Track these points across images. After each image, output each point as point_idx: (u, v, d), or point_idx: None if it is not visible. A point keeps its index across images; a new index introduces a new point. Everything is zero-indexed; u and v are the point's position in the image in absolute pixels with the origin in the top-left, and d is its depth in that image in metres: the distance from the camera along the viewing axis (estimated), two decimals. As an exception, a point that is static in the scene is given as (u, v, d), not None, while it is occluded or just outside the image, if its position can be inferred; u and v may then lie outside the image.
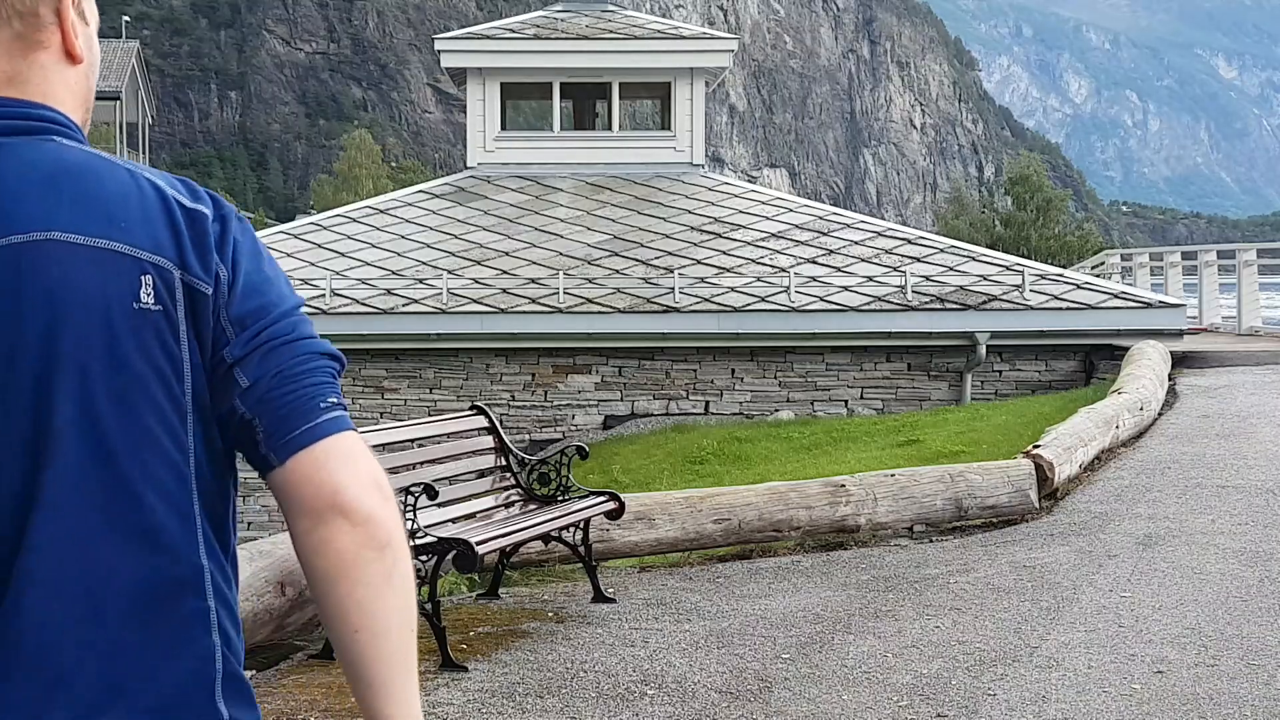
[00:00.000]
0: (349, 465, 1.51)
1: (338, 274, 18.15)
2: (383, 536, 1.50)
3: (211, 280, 1.52)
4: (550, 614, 7.18)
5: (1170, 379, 14.87)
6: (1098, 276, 24.22)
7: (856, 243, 19.36)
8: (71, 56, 1.59)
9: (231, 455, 1.56)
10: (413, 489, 6.35)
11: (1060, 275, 19.11)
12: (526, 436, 17.27)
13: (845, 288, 17.92)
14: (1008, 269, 18.70)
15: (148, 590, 1.48)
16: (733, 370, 17.76)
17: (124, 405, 1.48)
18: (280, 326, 1.54)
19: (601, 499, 7.74)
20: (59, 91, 1.58)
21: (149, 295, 1.49)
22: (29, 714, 1.44)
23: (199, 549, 1.51)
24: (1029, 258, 35.43)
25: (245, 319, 1.53)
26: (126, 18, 73.27)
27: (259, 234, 1.92)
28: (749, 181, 49.36)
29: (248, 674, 1.75)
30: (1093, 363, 17.59)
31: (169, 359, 1.50)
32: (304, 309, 1.59)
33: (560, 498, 7.76)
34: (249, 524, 15.21)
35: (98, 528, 1.46)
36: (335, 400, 1.54)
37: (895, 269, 18.34)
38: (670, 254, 18.89)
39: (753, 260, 18.77)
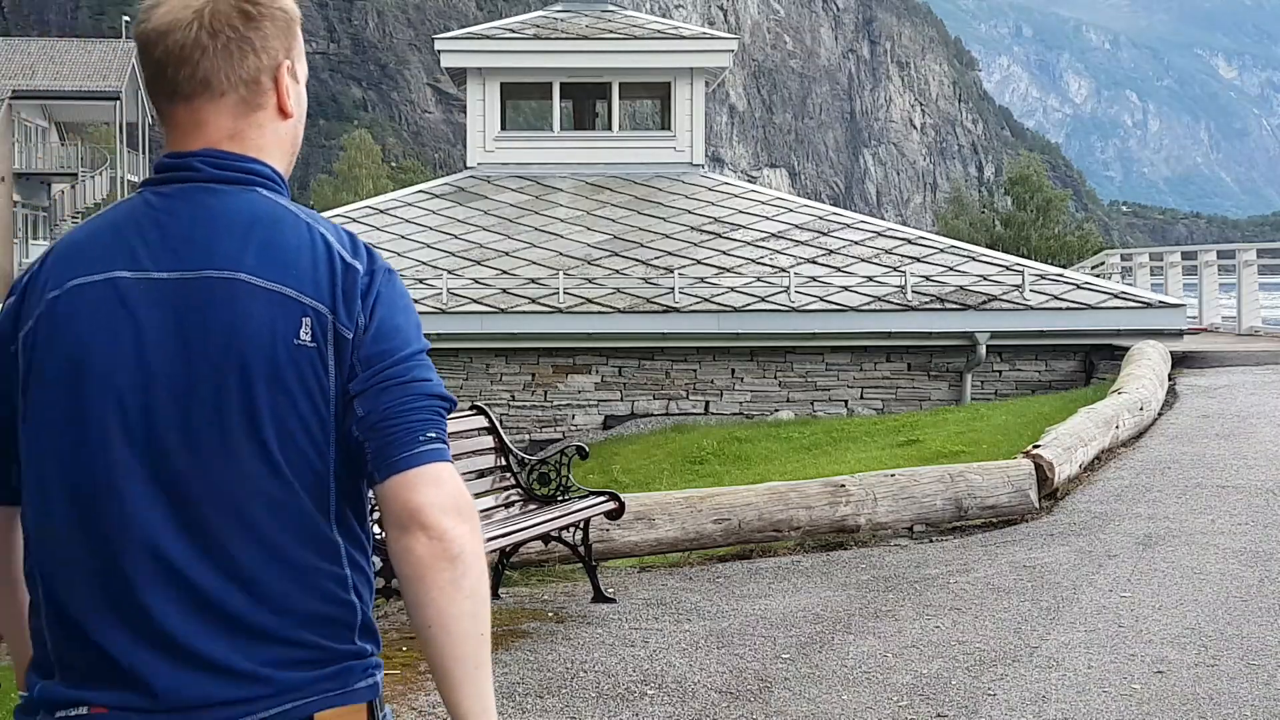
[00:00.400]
0: (434, 489, 1.83)
1: (338, 274, 18.15)
2: (454, 550, 1.82)
3: (353, 325, 1.85)
4: (550, 614, 7.18)
5: (1170, 379, 14.87)
6: (1098, 276, 24.21)
7: (856, 243, 19.36)
8: (284, 113, 1.94)
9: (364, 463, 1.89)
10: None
11: (1060, 275, 19.11)
12: (526, 436, 17.27)
13: (845, 288, 17.92)
14: (1008, 269, 18.69)
15: (302, 558, 1.86)
16: (733, 370, 17.76)
17: (280, 419, 1.83)
18: (397, 370, 1.86)
19: (601, 499, 7.73)
20: (269, 145, 1.93)
21: (307, 334, 1.83)
22: (246, 615, 1.84)
23: (334, 530, 1.89)
24: (1029, 258, 35.43)
25: (371, 359, 1.85)
26: (126, 18, 73.31)
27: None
28: (749, 181, 49.34)
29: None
30: (1093, 363, 17.59)
31: (319, 386, 1.85)
32: (426, 353, 1.92)
33: (560, 498, 7.75)
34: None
35: (267, 509, 1.84)
36: (435, 435, 1.86)
37: (895, 269, 18.33)
38: (670, 254, 18.89)
39: (753, 260, 18.77)
